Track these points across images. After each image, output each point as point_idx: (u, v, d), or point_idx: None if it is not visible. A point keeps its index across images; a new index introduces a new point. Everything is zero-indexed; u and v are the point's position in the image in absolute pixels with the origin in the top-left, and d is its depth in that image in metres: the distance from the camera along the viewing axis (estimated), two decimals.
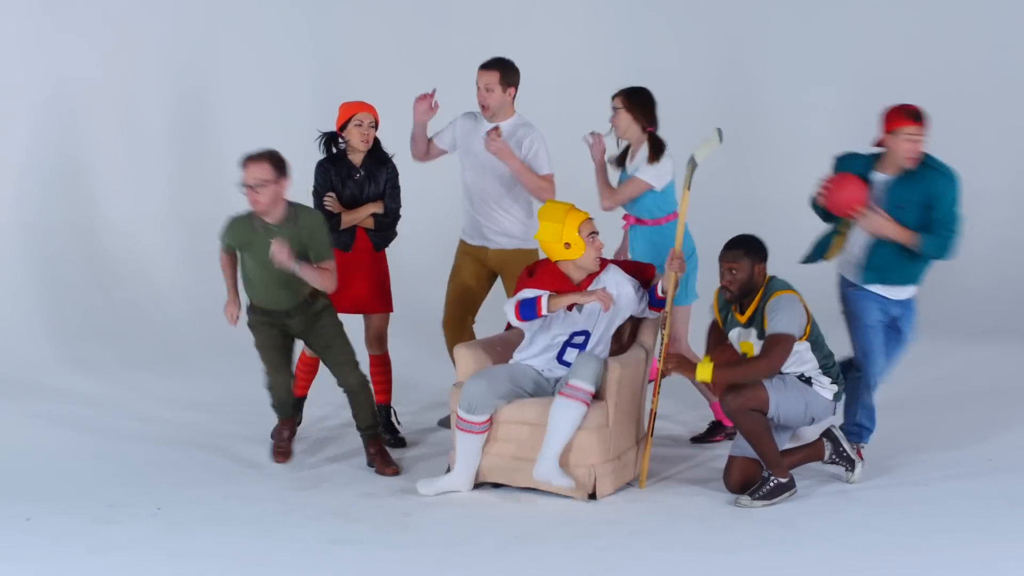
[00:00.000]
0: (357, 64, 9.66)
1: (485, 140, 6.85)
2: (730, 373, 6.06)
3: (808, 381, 6.16)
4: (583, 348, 6.30)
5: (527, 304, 6.18)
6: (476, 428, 6.19)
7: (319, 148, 6.99)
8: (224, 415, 7.41)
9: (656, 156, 6.77)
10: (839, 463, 6.31)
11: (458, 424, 6.21)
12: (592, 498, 6.18)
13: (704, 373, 6.02)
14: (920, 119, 6.25)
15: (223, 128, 9.41)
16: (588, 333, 6.30)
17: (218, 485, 6.45)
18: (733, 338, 6.22)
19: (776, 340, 5.98)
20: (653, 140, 6.82)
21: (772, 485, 6.09)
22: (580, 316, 6.27)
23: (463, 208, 7.13)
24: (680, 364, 6.20)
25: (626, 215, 6.96)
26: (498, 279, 7.19)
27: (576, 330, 6.30)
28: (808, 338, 6.11)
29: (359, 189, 6.95)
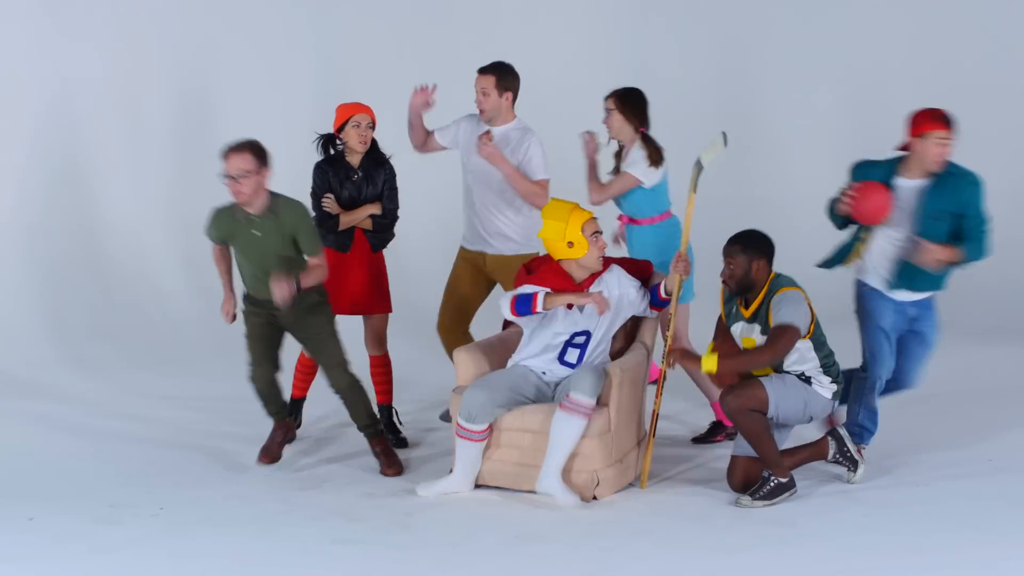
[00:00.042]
0: (359, 65, 9.67)
1: (477, 144, 6.86)
2: (734, 362, 6.07)
3: (808, 380, 6.18)
4: (584, 348, 6.31)
5: (523, 299, 6.19)
6: (476, 436, 6.20)
7: (317, 150, 7.00)
8: (225, 415, 7.42)
9: (656, 161, 6.79)
10: (842, 463, 6.32)
11: (458, 432, 6.22)
12: (593, 499, 6.19)
13: (709, 364, 6.02)
14: (950, 123, 6.21)
15: (225, 129, 9.32)
16: (589, 333, 6.30)
17: (219, 485, 6.46)
18: (736, 333, 6.22)
19: (781, 330, 5.99)
20: (647, 141, 6.83)
21: (772, 485, 6.10)
22: (582, 316, 6.27)
23: (463, 212, 7.13)
24: (684, 357, 6.21)
25: (621, 215, 6.98)
26: (497, 286, 7.19)
27: (577, 330, 6.30)
28: (811, 337, 6.12)
29: (357, 190, 6.95)
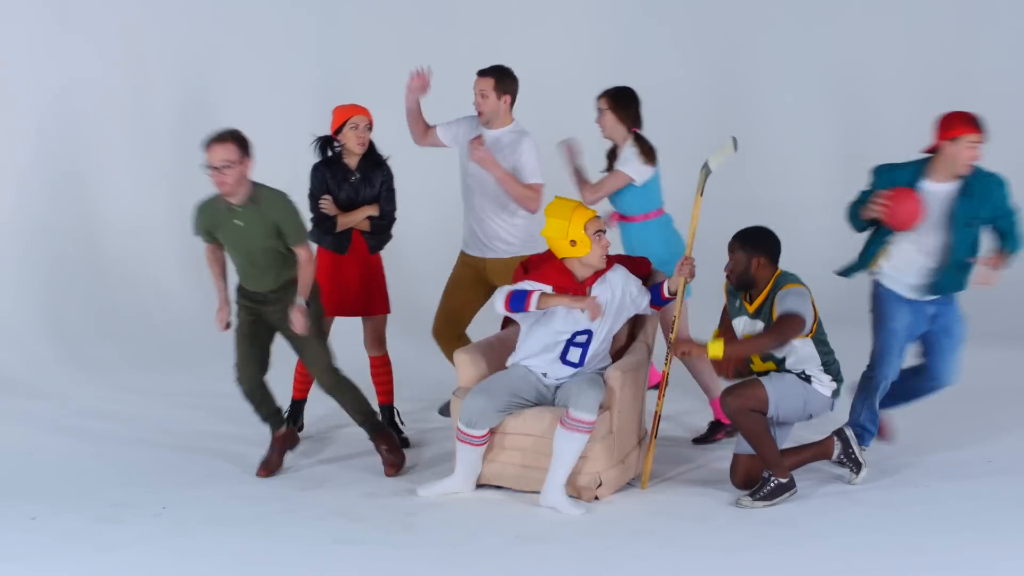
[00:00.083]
0: (360, 66, 9.67)
1: (469, 148, 6.88)
2: (740, 347, 6.07)
3: (808, 379, 6.19)
4: (587, 347, 6.31)
5: (518, 296, 6.19)
6: (476, 441, 6.22)
7: (314, 152, 7.02)
8: (227, 415, 7.43)
9: (650, 160, 6.81)
10: (846, 464, 6.33)
11: (458, 436, 6.24)
12: (595, 499, 6.21)
13: (716, 349, 6.02)
14: (981, 127, 6.21)
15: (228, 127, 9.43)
16: (591, 332, 6.32)
17: (221, 485, 6.48)
18: (739, 328, 6.23)
19: (787, 317, 6.00)
20: (639, 140, 6.86)
21: (772, 486, 6.12)
22: (583, 315, 6.28)
23: (463, 216, 7.15)
24: (690, 346, 6.19)
25: (614, 213, 6.99)
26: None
27: (579, 329, 6.31)
28: (813, 335, 6.14)
29: (355, 192, 6.96)
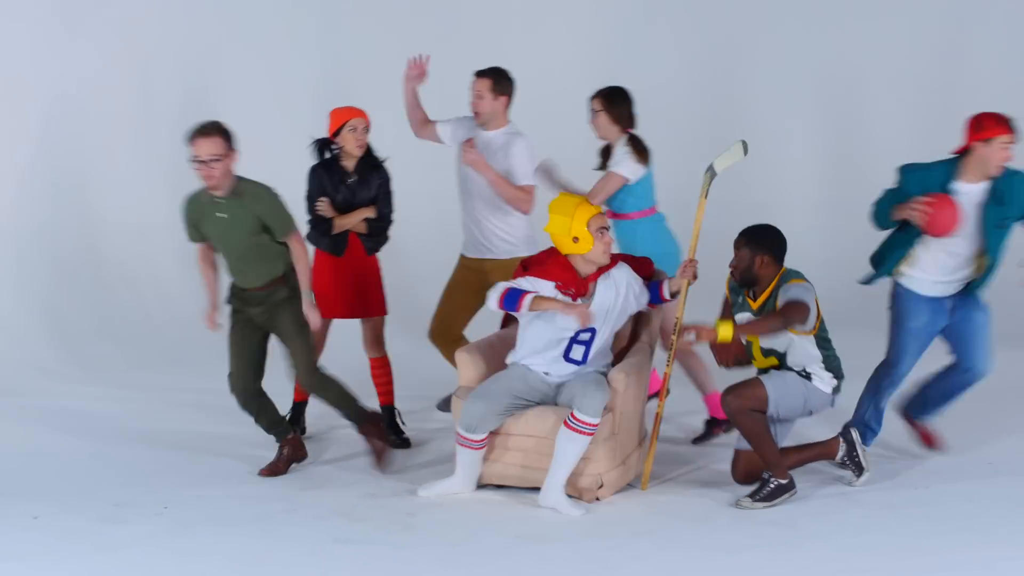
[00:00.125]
0: (361, 67, 9.68)
1: (461, 152, 6.90)
2: (748, 327, 6.02)
3: (808, 376, 6.21)
4: (590, 344, 6.30)
5: (513, 294, 6.19)
6: (475, 445, 6.23)
7: (312, 154, 7.03)
8: (228, 415, 7.41)
9: (643, 160, 6.82)
10: (848, 466, 6.34)
11: (458, 440, 6.25)
12: (596, 500, 6.22)
13: (726, 331, 5.96)
14: (1013, 127, 6.22)
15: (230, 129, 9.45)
16: (594, 330, 6.31)
17: (223, 485, 6.49)
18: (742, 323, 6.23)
19: (794, 303, 5.99)
20: (633, 140, 6.87)
21: (772, 487, 6.13)
22: (587, 312, 6.27)
23: (461, 218, 7.16)
24: (699, 331, 6.08)
25: (607, 211, 7.01)
26: None
27: (583, 327, 6.31)
28: (816, 333, 6.15)
29: (351, 194, 6.97)
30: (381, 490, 6.40)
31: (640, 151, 6.85)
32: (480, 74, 6.95)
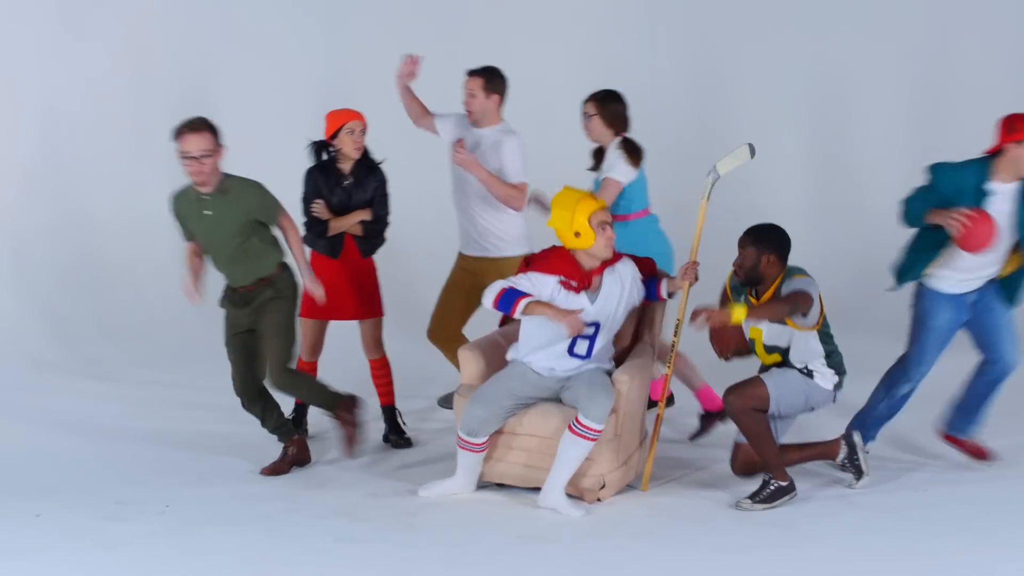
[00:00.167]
0: (361, 68, 9.69)
1: (452, 152, 6.92)
2: (759, 311, 5.98)
3: (810, 374, 6.23)
4: (594, 339, 6.30)
5: (508, 296, 6.20)
6: (476, 448, 6.25)
7: (309, 156, 7.05)
8: (230, 414, 7.43)
9: (635, 162, 6.84)
10: (848, 469, 6.36)
11: (459, 443, 6.26)
12: (597, 500, 6.24)
13: (740, 313, 5.92)
14: None
15: (228, 130, 9.39)
16: (599, 324, 6.31)
17: (225, 484, 6.50)
18: (744, 323, 6.24)
19: (799, 292, 5.99)
20: (627, 144, 6.89)
21: (772, 488, 6.15)
22: (592, 308, 6.27)
23: (456, 218, 7.18)
24: (710, 315, 5.98)
25: None
26: None
27: (588, 321, 6.30)
28: (819, 329, 6.17)
29: (347, 196, 6.98)
30: (382, 490, 6.41)
31: (633, 153, 6.88)
32: (472, 73, 6.99)
